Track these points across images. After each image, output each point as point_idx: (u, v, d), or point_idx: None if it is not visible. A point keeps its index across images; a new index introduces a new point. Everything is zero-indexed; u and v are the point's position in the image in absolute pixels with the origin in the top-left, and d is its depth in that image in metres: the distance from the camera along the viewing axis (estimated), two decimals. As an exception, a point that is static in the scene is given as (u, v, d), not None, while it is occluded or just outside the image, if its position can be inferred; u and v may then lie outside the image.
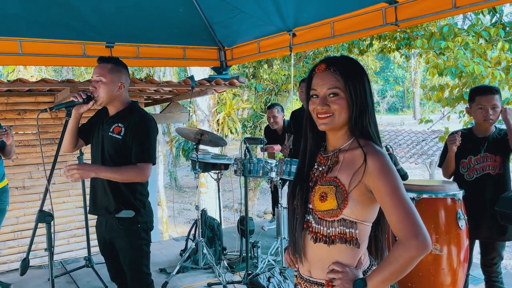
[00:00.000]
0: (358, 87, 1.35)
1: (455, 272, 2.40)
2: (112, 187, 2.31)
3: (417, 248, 1.25)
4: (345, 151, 1.39)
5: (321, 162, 1.45)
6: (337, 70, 1.36)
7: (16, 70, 10.21)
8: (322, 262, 1.40)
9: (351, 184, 1.33)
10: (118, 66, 2.35)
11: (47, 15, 3.84)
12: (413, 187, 2.47)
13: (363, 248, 1.39)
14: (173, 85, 4.97)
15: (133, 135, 2.29)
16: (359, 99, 1.35)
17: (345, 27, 3.74)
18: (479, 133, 2.75)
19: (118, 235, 2.36)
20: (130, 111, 2.37)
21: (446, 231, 2.37)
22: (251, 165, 3.21)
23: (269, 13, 4.02)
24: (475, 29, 5.01)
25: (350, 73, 1.36)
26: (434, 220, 2.39)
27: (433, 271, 2.37)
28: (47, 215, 2.03)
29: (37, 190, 4.94)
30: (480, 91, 2.68)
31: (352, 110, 1.35)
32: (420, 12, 3.18)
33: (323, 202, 1.35)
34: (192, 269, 3.73)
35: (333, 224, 1.35)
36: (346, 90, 1.34)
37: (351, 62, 1.41)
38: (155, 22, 4.39)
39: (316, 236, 1.39)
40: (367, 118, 1.37)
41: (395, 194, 1.28)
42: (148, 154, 2.29)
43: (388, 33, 8.72)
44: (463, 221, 2.40)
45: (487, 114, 2.60)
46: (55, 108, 2.21)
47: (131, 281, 2.42)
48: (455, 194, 2.45)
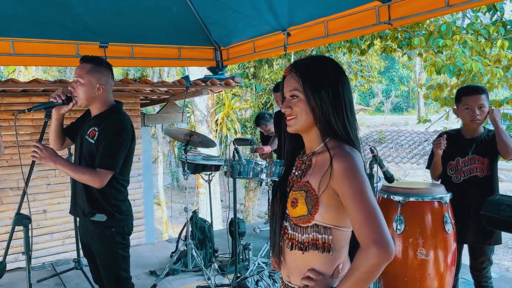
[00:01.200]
0: (318, 87, 1.31)
1: (442, 276, 2.34)
2: (86, 191, 2.28)
3: (376, 255, 1.18)
4: (317, 154, 1.35)
5: (298, 166, 1.42)
6: (297, 72, 1.34)
7: (17, 70, 10.23)
8: (298, 269, 1.36)
9: (320, 189, 1.29)
10: (98, 67, 2.30)
11: (40, 14, 3.81)
12: (400, 190, 2.42)
13: (340, 255, 1.34)
14: (168, 85, 4.94)
15: (102, 140, 2.25)
16: (318, 100, 1.30)
17: (338, 27, 3.70)
18: (467, 134, 2.68)
19: (93, 238, 2.33)
20: (108, 115, 2.32)
21: (432, 235, 2.31)
22: (241, 167, 3.17)
23: (263, 13, 3.97)
24: (473, 27, 4.94)
25: (309, 74, 1.33)
26: (420, 224, 2.33)
27: (419, 277, 2.32)
28: (24, 218, 2.00)
29: (32, 191, 4.92)
30: (466, 92, 2.61)
31: (314, 111, 1.31)
32: (413, 11, 3.13)
33: (294, 208, 1.32)
34: (182, 272, 3.69)
35: (307, 230, 1.31)
36: (304, 91, 1.31)
37: (315, 63, 1.37)
38: (150, 22, 4.35)
39: (292, 243, 1.35)
40: (333, 118, 1.31)
41: (358, 197, 1.22)
42: (110, 161, 2.23)
43: (390, 33, 8.67)
44: (450, 225, 2.34)
45: (474, 114, 2.54)
46: (33, 109, 2.17)
47: (108, 285, 2.38)
48: (442, 197, 2.39)
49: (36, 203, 4.99)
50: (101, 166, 2.22)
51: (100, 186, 2.21)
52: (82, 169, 2.25)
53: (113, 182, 2.29)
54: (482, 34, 4.87)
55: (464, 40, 5.03)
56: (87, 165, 2.27)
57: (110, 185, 2.28)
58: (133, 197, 5.53)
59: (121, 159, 2.28)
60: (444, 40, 4.89)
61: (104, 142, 2.24)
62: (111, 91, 2.38)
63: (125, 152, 2.30)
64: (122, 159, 2.29)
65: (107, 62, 2.39)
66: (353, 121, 1.36)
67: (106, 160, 2.23)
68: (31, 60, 4.43)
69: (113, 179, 2.28)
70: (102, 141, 2.24)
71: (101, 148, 2.24)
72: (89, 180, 2.21)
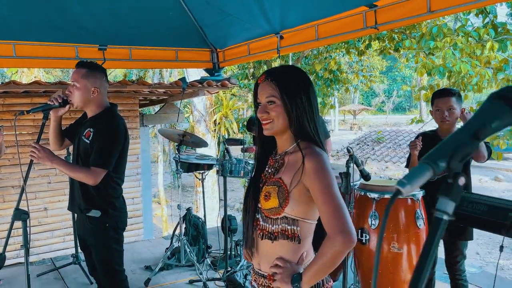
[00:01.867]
0: (293, 94, 1.45)
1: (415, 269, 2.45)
2: (82, 188, 2.42)
3: (341, 243, 1.34)
4: (290, 153, 1.50)
5: (271, 165, 1.56)
6: (274, 80, 1.47)
7: (19, 71, 10.39)
8: (268, 257, 1.50)
9: (291, 184, 1.43)
10: (93, 71, 2.44)
11: (40, 18, 3.94)
12: (375, 188, 2.54)
13: (305, 244, 1.48)
14: (165, 87, 5.07)
15: (96, 140, 2.38)
16: (294, 106, 1.44)
17: (328, 30, 3.81)
18: (442, 135, 2.80)
19: (88, 232, 2.47)
20: (103, 116, 2.46)
21: (405, 230, 2.43)
22: (232, 166, 3.29)
23: (256, 16, 4.09)
24: (464, 30, 5.04)
25: (285, 82, 1.46)
26: (394, 220, 2.45)
27: (392, 269, 2.44)
28: (22, 212, 2.12)
29: (33, 189, 5.07)
30: (438, 94, 2.75)
31: (290, 116, 1.45)
32: (398, 16, 3.24)
33: (267, 201, 1.46)
34: (176, 267, 3.83)
35: (277, 222, 1.45)
36: (281, 98, 1.44)
37: (289, 72, 1.51)
38: (147, 25, 4.48)
39: (263, 233, 1.49)
40: (307, 122, 1.46)
41: (326, 192, 1.37)
42: (103, 160, 2.37)
43: (387, 34, 8.78)
44: (421, 220, 2.47)
45: (443, 115, 2.67)
46: (32, 111, 2.31)
47: (102, 277, 2.52)
48: (415, 195, 2.51)
49: (37, 201, 5.13)
50: (95, 165, 2.35)
51: (94, 183, 2.34)
52: (77, 167, 2.39)
53: (108, 180, 2.42)
54: (473, 36, 4.98)
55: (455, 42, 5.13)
56: (83, 164, 2.41)
57: (105, 183, 2.41)
58: (132, 195, 5.67)
59: (114, 158, 2.41)
60: (435, 42, 5.00)
61: (98, 142, 2.37)
62: (105, 93, 2.51)
63: (118, 152, 2.43)
64: (115, 158, 2.42)
65: (101, 66, 2.53)
66: (320, 125, 1.52)
67: (99, 159, 2.36)
68: (32, 63, 4.56)
69: (107, 177, 2.41)
70: (96, 141, 2.37)
71: (95, 148, 2.37)
72: (84, 178, 2.35)
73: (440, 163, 0.67)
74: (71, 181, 2.54)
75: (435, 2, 2.93)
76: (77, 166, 2.41)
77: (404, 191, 0.67)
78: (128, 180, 5.67)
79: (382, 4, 3.27)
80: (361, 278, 2.65)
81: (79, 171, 2.36)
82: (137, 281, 3.64)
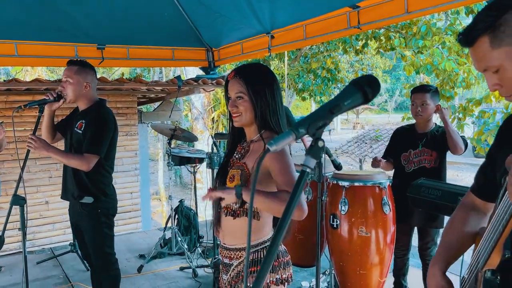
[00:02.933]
0: (258, 90, 1.63)
1: (381, 252, 2.63)
2: (76, 176, 2.60)
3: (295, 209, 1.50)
4: (255, 142, 1.69)
5: (238, 151, 1.75)
6: (241, 77, 1.64)
7: (24, 69, 10.61)
8: (230, 232, 1.70)
9: (253, 168, 1.60)
10: (84, 68, 2.63)
11: (41, 19, 4.13)
12: (345, 176, 2.71)
13: (266, 221, 1.67)
14: (162, 85, 5.24)
15: (88, 129, 2.56)
16: (259, 101, 1.62)
17: (315, 30, 3.97)
18: (419, 129, 2.97)
19: (82, 218, 2.66)
20: (94, 109, 2.65)
21: (372, 216, 2.60)
22: (220, 159, 3.46)
23: (247, 17, 4.25)
24: (452, 28, 5.18)
25: (251, 79, 1.64)
26: (362, 206, 2.63)
27: (360, 251, 2.61)
28: (20, 198, 2.29)
29: (35, 183, 5.26)
30: (414, 90, 2.93)
31: (255, 109, 1.63)
32: (379, 17, 3.39)
33: (231, 182, 1.64)
34: (169, 255, 4.01)
35: (239, 201, 1.60)
36: (247, 93, 1.62)
37: (255, 69, 1.70)
38: (144, 25, 4.65)
39: (227, 211, 1.68)
40: (270, 115, 1.64)
41: (285, 172, 1.55)
42: (95, 147, 2.55)
43: (384, 33, 8.91)
44: (388, 206, 2.63)
45: (416, 110, 2.84)
46: (29, 106, 2.50)
47: (95, 259, 2.71)
48: (381, 183, 2.68)
49: (39, 194, 5.31)
50: (88, 151, 2.54)
51: (87, 169, 2.53)
52: (71, 154, 2.57)
53: (99, 167, 2.61)
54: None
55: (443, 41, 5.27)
56: (76, 152, 2.60)
57: (97, 170, 2.60)
58: (131, 190, 5.86)
59: (105, 145, 2.60)
60: (424, 41, 5.14)
61: (89, 131, 2.56)
62: (95, 89, 2.71)
63: (108, 139, 2.63)
64: (106, 146, 2.62)
65: (90, 64, 2.73)
66: (283, 117, 1.70)
67: (92, 146, 2.54)
68: (33, 61, 4.74)
69: (99, 165, 2.60)
70: (88, 131, 2.56)
71: (87, 136, 2.56)
72: (78, 164, 2.53)
73: (300, 129, 0.87)
74: (64, 170, 2.73)
75: (412, 3, 3.09)
76: (71, 153, 2.59)
77: (271, 149, 0.85)
78: (127, 175, 5.89)
79: (364, 5, 3.43)
80: (334, 262, 2.82)
81: (73, 157, 2.54)
82: (131, 268, 3.83)
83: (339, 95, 0.89)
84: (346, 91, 0.89)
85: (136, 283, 3.62)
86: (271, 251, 0.81)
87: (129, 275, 3.72)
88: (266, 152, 0.87)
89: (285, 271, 1.65)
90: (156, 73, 12.91)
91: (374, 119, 36.75)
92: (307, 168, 0.85)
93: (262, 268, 0.81)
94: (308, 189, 2.92)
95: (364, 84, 0.88)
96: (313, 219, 2.53)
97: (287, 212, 0.82)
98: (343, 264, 2.69)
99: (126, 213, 5.78)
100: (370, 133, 13.23)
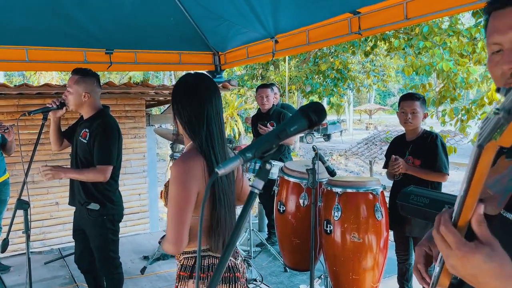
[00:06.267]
0: (177, 105, 1.66)
1: (374, 258, 2.66)
2: (82, 185, 2.69)
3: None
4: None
5: None
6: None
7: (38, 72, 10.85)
8: None
9: None
10: (84, 77, 2.70)
11: (50, 25, 4.24)
12: (338, 183, 2.74)
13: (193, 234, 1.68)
14: (169, 88, 5.33)
15: (94, 140, 2.64)
16: (177, 114, 1.67)
17: (318, 35, 4.01)
18: (408, 137, 3.00)
19: (87, 223, 2.74)
20: (96, 118, 2.72)
21: (364, 222, 2.63)
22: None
23: (250, 22, 4.31)
24: (453, 29, 5.16)
25: (173, 94, 1.68)
26: (355, 212, 2.65)
27: (352, 256, 2.64)
28: (24, 203, 2.38)
29: (46, 185, 5.37)
30: (403, 97, 2.94)
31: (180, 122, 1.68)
32: (379, 22, 3.42)
33: (161, 198, 1.74)
34: (172, 257, 4.09)
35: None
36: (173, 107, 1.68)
37: (179, 84, 1.71)
38: (151, 30, 4.74)
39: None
40: (182, 125, 1.67)
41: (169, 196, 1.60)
42: (106, 158, 2.63)
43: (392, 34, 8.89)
44: (380, 213, 2.66)
45: (406, 117, 2.85)
46: (33, 113, 2.59)
47: (99, 263, 2.80)
48: (374, 189, 2.71)
49: (50, 195, 5.44)
50: (100, 163, 2.62)
51: (104, 180, 2.62)
52: (85, 170, 2.65)
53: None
54: (464, 34, 5.08)
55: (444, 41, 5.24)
56: (81, 162, 2.68)
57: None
58: (139, 191, 5.95)
59: (114, 154, 2.69)
60: (424, 42, 5.12)
61: (97, 142, 2.63)
62: (97, 97, 2.77)
63: (116, 148, 2.70)
64: (116, 154, 2.69)
65: (93, 72, 2.78)
66: (196, 126, 1.64)
67: (103, 157, 2.62)
68: (43, 66, 4.86)
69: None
70: (94, 141, 2.63)
71: (96, 148, 2.63)
72: (95, 178, 2.62)
73: (247, 153, 0.91)
74: (71, 179, 2.82)
75: (411, 10, 3.11)
76: (85, 169, 2.66)
77: (220, 172, 0.90)
78: (135, 177, 5.99)
79: (364, 11, 3.46)
80: (328, 266, 2.86)
81: (88, 173, 2.63)
82: (135, 270, 3.92)
83: (286, 121, 0.94)
84: (293, 118, 0.94)
85: (139, 284, 3.71)
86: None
87: (132, 276, 3.81)
88: (214, 176, 0.92)
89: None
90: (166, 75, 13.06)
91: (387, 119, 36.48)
92: (254, 189, 0.89)
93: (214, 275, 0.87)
94: (304, 194, 2.96)
95: (310, 111, 0.93)
96: (309, 224, 2.56)
97: (236, 231, 0.88)
98: (337, 269, 2.73)
99: (135, 214, 5.88)
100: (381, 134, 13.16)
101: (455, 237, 0.73)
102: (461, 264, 0.72)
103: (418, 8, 3.06)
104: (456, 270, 0.74)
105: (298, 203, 3.00)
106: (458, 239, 0.73)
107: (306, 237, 2.78)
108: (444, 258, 0.77)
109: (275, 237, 4.50)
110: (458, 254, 0.72)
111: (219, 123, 1.67)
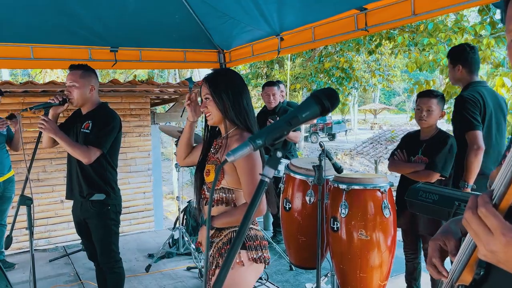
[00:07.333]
0: (219, 92, 1.80)
1: (381, 255, 2.62)
2: (84, 174, 2.67)
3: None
4: (228, 137, 1.84)
5: (214, 146, 1.93)
6: (207, 82, 1.85)
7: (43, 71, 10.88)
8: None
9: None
10: (87, 72, 2.71)
11: (55, 23, 4.24)
12: (345, 179, 2.71)
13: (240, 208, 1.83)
14: (173, 86, 5.32)
15: (94, 126, 2.65)
16: (221, 101, 1.80)
17: (324, 32, 3.98)
18: (422, 135, 2.94)
19: (91, 215, 2.72)
20: (99, 110, 2.74)
21: (372, 219, 2.59)
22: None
23: (256, 19, 4.28)
24: (459, 25, 5.10)
25: (214, 83, 1.84)
26: (362, 209, 2.62)
27: (360, 254, 2.61)
28: (27, 199, 2.37)
29: (50, 183, 5.39)
30: (421, 94, 2.88)
31: (220, 108, 1.80)
32: (386, 19, 3.38)
33: (207, 176, 1.84)
34: (177, 255, 4.07)
35: (216, 191, 1.80)
36: (211, 95, 1.80)
37: (218, 74, 1.91)
38: (155, 28, 4.72)
39: (206, 200, 1.88)
40: (235, 114, 1.81)
41: (246, 172, 1.72)
42: (99, 141, 2.63)
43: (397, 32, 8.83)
44: (388, 210, 2.62)
45: (421, 114, 2.80)
46: (34, 108, 2.58)
47: (101, 256, 2.78)
48: (382, 186, 2.67)
49: (54, 193, 5.45)
50: (91, 144, 2.62)
51: (88, 161, 2.60)
52: (76, 144, 2.63)
53: (106, 164, 2.70)
54: (469, 30, 5.02)
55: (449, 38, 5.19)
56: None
57: (104, 166, 2.69)
58: (144, 190, 5.95)
59: (109, 141, 2.68)
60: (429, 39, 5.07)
61: (96, 127, 2.65)
62: (97, 91, 2.79)
63: (113, 137, 2.70)
64: (110, 142, 2.69)
65: (91, 68, 2.80)
66: (251, 115, 1.86)
67: (96, 139, 2.63)
68: (48, 64, 4.86)
69: (105, 161, 2.68)
70: (94, 128, 2.64)
71: (93, 131, 2.65)
72: (80, 154, 2.60)
73: (258, 140, 0.89)
74: (69, 170, 2.80)
75: (419, 6, 3.07)
76: (76, 143, 2.64)
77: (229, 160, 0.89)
78: (140, 175, 5.98)
79: (371, 7, 3.42)
80: (334, 264, 2.83)
81: (77, 147, 2.60)
82: (140, 267, 3.91)
83: (298, 107, 0.91)
84: (304, 104, 0.90)
85: (144, 282, 3.69)
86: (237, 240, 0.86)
87: (137, 274, 3.80)
88: (224, 162, 0.90)
89: (259, 252, 1.80)
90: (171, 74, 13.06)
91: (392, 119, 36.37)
92: (265, 177, 0.87)
93: (232, 248, 0.86)
94: (310, 191, 2.93)
95: (322, 97, 0.90)
96: (315, 222, 2.53)
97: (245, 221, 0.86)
98: (343, 266, 2.70)
99: (139, 212, 5.88)
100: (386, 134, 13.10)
101: (499, 220, 0.66)
102: (504, 251, 0.66)
103: (425, 3, 3.02)
104: (496, 257, 0.68)
105: (304, 200, 2.98)
106: (503, 223, 0.65)
107: (313, 235, 2.75)
108: (481, 244, 0.69)
109: (280, 236, 4.48)
110: (503, 240, 0.65)
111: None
